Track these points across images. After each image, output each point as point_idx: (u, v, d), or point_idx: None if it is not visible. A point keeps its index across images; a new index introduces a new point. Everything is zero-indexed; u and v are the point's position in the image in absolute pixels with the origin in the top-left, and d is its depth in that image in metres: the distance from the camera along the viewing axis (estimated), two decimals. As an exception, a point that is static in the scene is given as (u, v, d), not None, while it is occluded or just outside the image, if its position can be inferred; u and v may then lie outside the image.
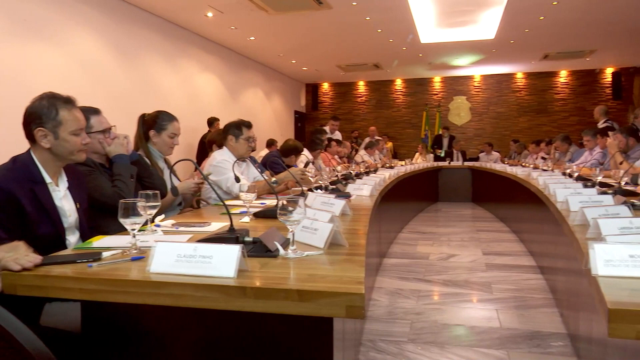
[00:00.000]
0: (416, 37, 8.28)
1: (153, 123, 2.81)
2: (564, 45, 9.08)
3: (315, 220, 1.61)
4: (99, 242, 1.64)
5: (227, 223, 1.56)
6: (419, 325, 2.80)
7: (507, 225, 6.10)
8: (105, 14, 5.99)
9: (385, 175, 4.56)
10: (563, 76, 11.98)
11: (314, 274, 1.24)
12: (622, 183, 3.07)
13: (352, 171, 4.51)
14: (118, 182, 2.18)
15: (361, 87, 13.38)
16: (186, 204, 2.95)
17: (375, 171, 5.46)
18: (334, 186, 3.37)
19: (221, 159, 3.24)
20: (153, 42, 6.95)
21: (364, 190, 3.25)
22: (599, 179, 3.27)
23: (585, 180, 3.47)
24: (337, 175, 4.01)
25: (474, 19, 7.56)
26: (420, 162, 9.40)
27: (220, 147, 3.60)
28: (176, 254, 1.25)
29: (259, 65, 10.64)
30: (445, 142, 11.00)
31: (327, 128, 7.15)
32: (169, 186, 2.55)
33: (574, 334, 2.46)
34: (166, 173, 2.74)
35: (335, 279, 1.20)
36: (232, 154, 3.30)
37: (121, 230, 1.70)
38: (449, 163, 9.39)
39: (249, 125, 3.41)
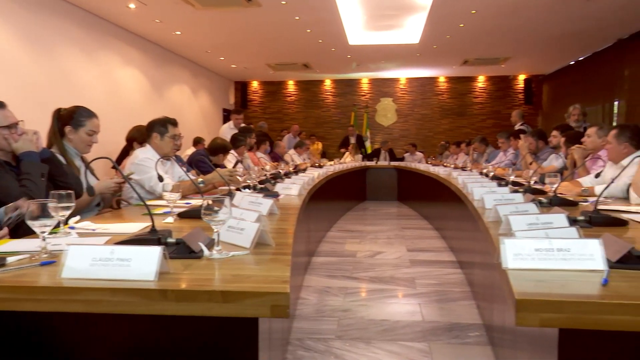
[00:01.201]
0: (344, 38, 8.42)
1: (70, 119, 2.65)
2: (482, 52, 9.62)
3: (241, 219, 1.58)
4: (3, 246, 1.51)
5: (149, 224, 1.50)
6: (346, 322, 2.85)
7: (430, 223, 6.37)
8: (13, 0, 5.54)
9: (314, 175, 4.60)
10: (481, 81, 12.71)
11: (238, 274, 1.22)
12: (532, 182, 3.31)
13: (281, 170, 4.51)
14: (26, 182, 2.02)
15: (291, 86, 13.40)
16: (105, 205, 2.80)
17: (304, 170, 5.49)
18: (262, 185, 3.36)
19: (144, 157, 3.11)
20: (69, 32, 6.52)
21: (292, 189, 3.26)
22: (512, 178, 3.50)
23: (500, 180, 3.70)
24: (265, 175, 3.99)
25: (400, 23, 7.82)
26: (349, 161, 9.58)
27: (141, 144, 3.46)
28: (91, 258, 1.18)
29: (185, 61, 10.33)
30: (353, 141, 11.23)
31: (231, 123, 6.81)
32: (85, 186, 2.41)
33: (489, 324, 2.61)
34: (83, 172, 2.58)
35: (261, 278, 1.19)
36: (155, 152, 3.17)
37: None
38: (376, 163, 9.65)
39: (174, 122, 3.30)
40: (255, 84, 13.48)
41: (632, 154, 3.02)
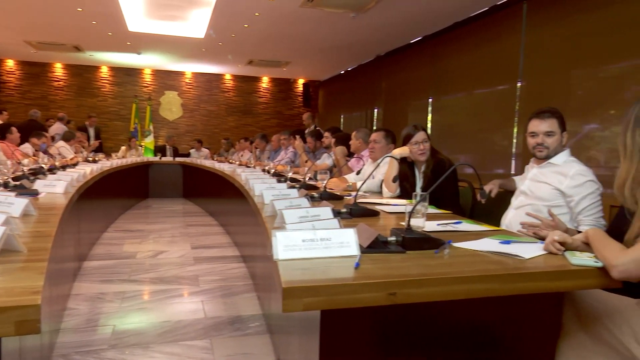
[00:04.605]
0: (123, 23, 7.80)
1: None
2: (265, 54, 10.06)
3: (-18, 223, 1.33)
4: None
5: None
6: (122, 329, 2.66)
7: (215, 219, 6.39)
8: None
9: (86, 171, 4.15)
10: (265, 82, 13.28)
11: (-28, 289, 1.02)
12: (307, 179, 3.60)
13: (43, 165, 3.93)
14: None
15: (59, 69, 11.79)
16: None
17: (74, 166, 4.91)
18: (17, 182, 2.88)
19: None
20: None
21: (57, 187, 2.88)
22: (290, 175, 3.75)
23: (280, 176, 3.93)
24: (22, 170, 3.43)
25: (184, 15, 7.61)
26: (129, 156, 8.94)
27: None
28: None
29: None
30: (92, 132, 10.52)
31: None
32: None
33: (267, 314, 2.76)
34: None
35: (2, 291, 1.01)
36: None
37: None
38: (160, 158, 9.24)
39: None
40: (10, 63, 11.45)
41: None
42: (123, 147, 9.65)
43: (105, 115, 12.11)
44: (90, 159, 6.39)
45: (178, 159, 9.22)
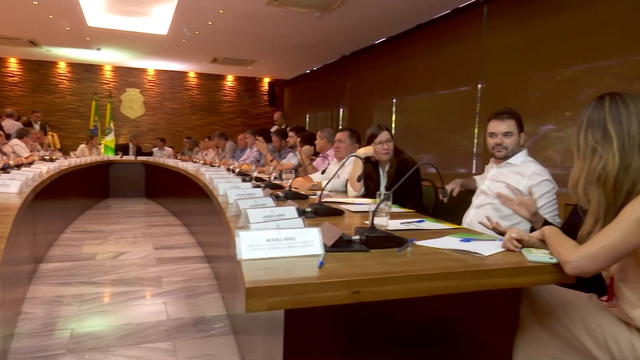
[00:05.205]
0: (82, 18, 7.55)
1: None
2: (230, 52, 9.94)
3: None
4: None
5: None
6: (80, 333, 2.58)
7: (179, 219, 6.28)
8: None
9: (42, 170, 4.01)
10: (230, 80, 13.13)
11: None
12: (272, 178, 3.59)
13: (-4, 164, 3.77)
14: None
15: (13, 64, 11.31)
16: None
17: (30, 164, 4.73)
18: (-33, 182, 2.76)
19: None
20: None
21: (11, 186, 2.79)
22: (255, 174, 3.73)
23: (245, 176, 3.90)
24: (-27, 169, 3.28)
25: (146, 11, 7.44)
26: (88, 155, 8.67)
27: None
28: None
29: None
30: (37, 128, 10.11)
31: None
32: None
33: (232, 314, 2.73)
34: None
35: (-49, 297, 0.97)
36: None
37: None
38: (121, 157, 9.00)
39: None
40: (-40, 57, 10.93)
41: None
42: (82, 145, 9.36)
43: (63, 112, 11.70)
44: (47, 157, 6.16)
45: (140, 158, 9.00)
